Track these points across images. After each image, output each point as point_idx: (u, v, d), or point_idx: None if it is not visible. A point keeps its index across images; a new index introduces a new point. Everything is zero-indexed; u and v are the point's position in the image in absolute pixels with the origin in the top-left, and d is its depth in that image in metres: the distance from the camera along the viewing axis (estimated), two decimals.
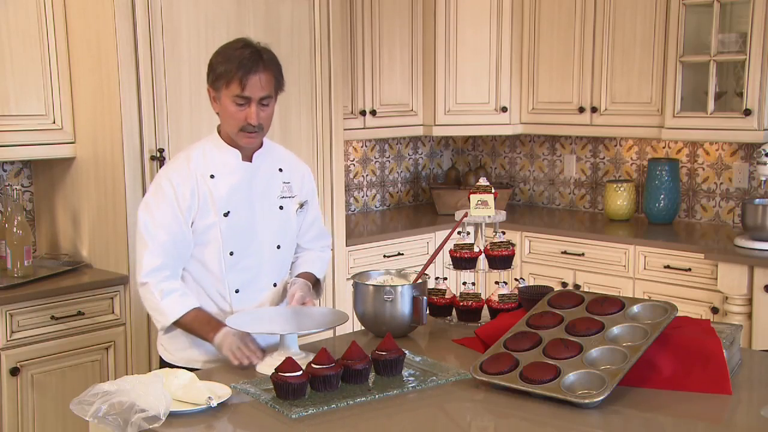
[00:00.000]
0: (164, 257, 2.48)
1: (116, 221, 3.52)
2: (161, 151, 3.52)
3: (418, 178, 5.61)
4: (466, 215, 2.84)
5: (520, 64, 4.98)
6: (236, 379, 2.26)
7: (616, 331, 2.24)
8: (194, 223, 2.51)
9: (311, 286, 2.68)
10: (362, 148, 5.25)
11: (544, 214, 5.17)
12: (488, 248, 2.81)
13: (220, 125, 2.58)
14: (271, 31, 3.85)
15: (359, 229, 4.73)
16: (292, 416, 2.01)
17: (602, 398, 2.01)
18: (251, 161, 2.58)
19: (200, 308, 2.50)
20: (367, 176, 5.30)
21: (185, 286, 2.54)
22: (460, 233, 2.84)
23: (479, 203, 2.83)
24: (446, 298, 2.82)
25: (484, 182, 2.87)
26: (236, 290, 2.59)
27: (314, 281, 2.75)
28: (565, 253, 4.59)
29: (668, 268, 4.19)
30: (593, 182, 5.16)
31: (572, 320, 2.31)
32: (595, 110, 4.68)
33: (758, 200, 4.12)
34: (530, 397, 2.09)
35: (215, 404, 2.04)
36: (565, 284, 4.58)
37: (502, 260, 2.80)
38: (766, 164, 4.03)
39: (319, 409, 2.04)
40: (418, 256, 4.65)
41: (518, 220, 4.92)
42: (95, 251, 3.65)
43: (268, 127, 2.55)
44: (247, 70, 2.42)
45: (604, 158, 5.10)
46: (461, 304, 2.78)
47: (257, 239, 2.59)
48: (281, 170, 2.67)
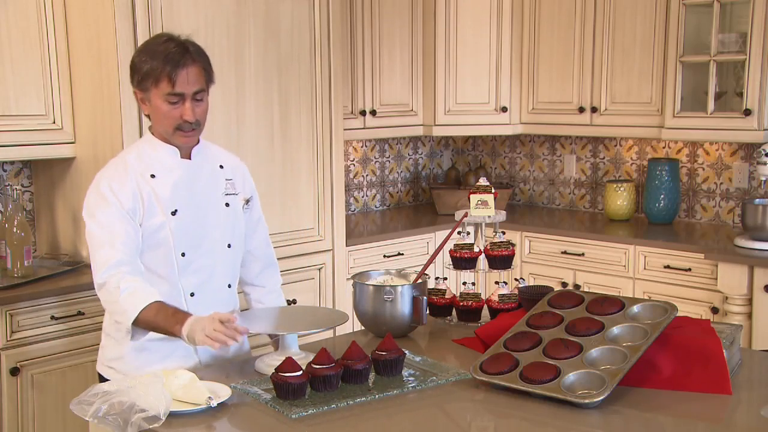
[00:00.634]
0: (120, 253, 2.35)
1: None
2: None
3: (418, 178, 5.61)
4: (466, 215, 2.84)
5: (520, 64, 4.98)
6: (236, 379, 2.26)
7: (616, 331, 2.24)
8: (142, 225, 2.41)
9: None
10: (362, 148, 5.25)
11: (544, 214, 5.17)
12: (488, 248, 2.81)
13: (151, 126, 2.49)
14: (271, 31, 3.85)
15: (359, 229, 4.73)
16: (292, 416, 2.01)
17: (602, 398, 2.01)
18: (190, 158, 2.49)
19: (162, 302, 2.34)
20: (367, 176, 5.30)
21: (146, 281, 2.39)
22: (460, 233, 2.84)
23: (479, 203, 2.83)
24: (446, 298, 2.82)
25: (484, 182, 2.87)
26: (191, 293, 2.51)
27: None
28: (565, 253, 4.59)
29: (668, 268, 4.19)
30: (593, 182, 5.16)
31: (572, 320, 2.31)
32: (595, 110, 4.68)
33: (758, 200, 4.12)
34: (530, 397, 2.09)
35: (215, 404, 2.04)
36: (565, 284, 4.58)
37: (502, 260, 2.80)
38: (766, 164, 4.03)
39: (319, 409, 2.04)
40: (418, 256, 4.65)
41: (518, 220, 4.92)
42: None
43: (204, 123, 2.45)
44: (174, 64, 2.32)
45: (604, 158, 5.10)
46: (461, 304, 2.78)
47: (208, 238, 2.51)
48: (222, 167, 2.58)
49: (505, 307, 2.71)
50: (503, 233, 2.84)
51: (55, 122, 3.62)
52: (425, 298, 2.60)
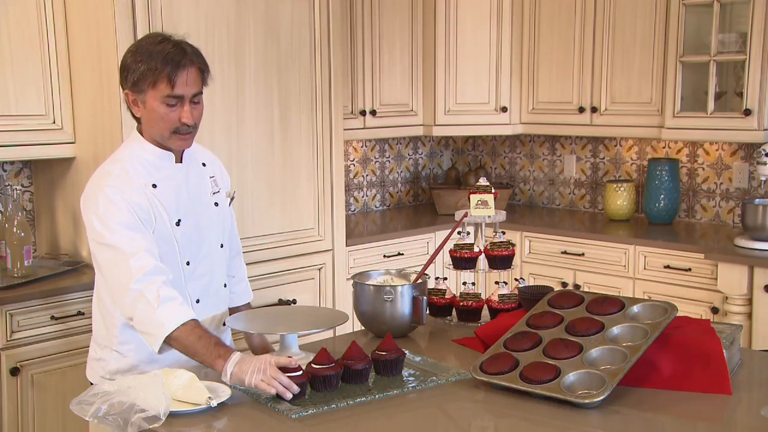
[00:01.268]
0: (153, 259, 2.25)
1: None
2: None
3: (418, 178, 5.61)
4: (466, 215, 2.84)
5: (520, 64, 4.98)
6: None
7: (616, 331, 2.24)
8: (153, 235, 2.32)
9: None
10: (362, 148, 5.25)
11: (544, 214, 5.17)
12: (488, 248, 2.81)
13: (140, 128, 2.40)
14: (271, 31, 3.85)
15: (359, 229, 4.73)
16: (292, 416, 2.01)
17: (602, 398, 2.01)
18: (181, 162, 2.43)
19: (200, 323, 2.25)
20: (367, 176, 5.30)
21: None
22: (460, 233, 2.84)
23: (479, 203, 2.83)
24: (446, 298, 2.82)
25: (484, 182, 2.87)
26: (197, 300, 2.47)
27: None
28: (565, 253, 4.59)
29: (668, 268, 4.19)
30: (593, 182, 5.16)
31: (572, 320, 2.31)
32: (595, 110, 4.68)
33: (758, 200, 4.12)
34: (530, 397, 2.09)
35: (215, 404, 2.04)
36: (565, 284, 4.58)
37: (502, 260, 2.80)
38: (766, 164, 4.03)
39: (319, 409, 2.04)
40: (418, 256, 4.65)
41: (518, 220, 4.92)
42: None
43: (199, 125, 2.39)
44: (174, 66, 2.24)
45: (604, 158, 5.10)
46: (461, 304, 2.78)
47: (206, 243, 2.48)
48: (204, 165, 2.53)
49: (505, 307, 2.71)
50: (503, 233, 2.84)
51: (55, 122, 3.62)
52: (425, 298, 2.60)
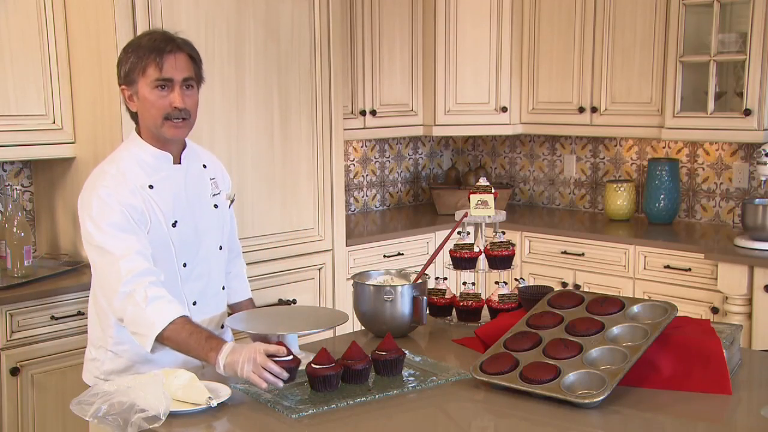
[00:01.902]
0: (146, 262, 2.27)
1: None
2: None
3: (418, 178, 5.61)
4: (466, 215, 2.84)
5: (520, 64, 4.98)
6: (236, 379, 2.26)
7: (616, 331, 2.24)
8: (147, 235, 2.33)
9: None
10: (362, 148, 5.25)
11: (544, 214, 5.17)
12: (488, 248, 2.81)
13: (138, 128, 2.42)
14: (271, 31, 3.85)
15: (359, 229, 4.73)
16: (292, 416, 2.01)
17: (602, 398, 2.01)
18: (180, 163, 2.44)
19: (190, 319, 2.25)
20: (367, 176, 5.30)
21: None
22: (460, 233, 2.84)
23: (479, 203, 2.83)
24: (446, 298, 2.82)
25: (484, 182, 2.87)
26: (194, 302, 2.48)
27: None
28: (565, 253, 4.59)
29: (668, 268, 4.19)
30: (593, 182, 5.16)
31: (572, 320, 2.31)
32: (595, 110, 4.68)
33: (758, 200, 4.12)
34: (530, 397, 2.09)
35: (215, 404, 2.04)
36: (565, 284, 4.58)
37: (502, 260, 2.80)
38: (766, 164, 4.03)
39: (319, 409, 2.04)
40: (418, 256, 4.65)
41: (518, 220, 4.92)
42: None
43: (194, 117, 2.38)
44: (160, 50, 2.28)
45: (604, 158, 5.10)
46: (461, 304, 2.78)
47: (204, 244, 2.48)
48: (205, 166, 2.53)
49: (505, 307, 2.71)
50: (503, 233, 2.84)
51: (55, 122, 3.62)
52: (425, 298, 2.60)
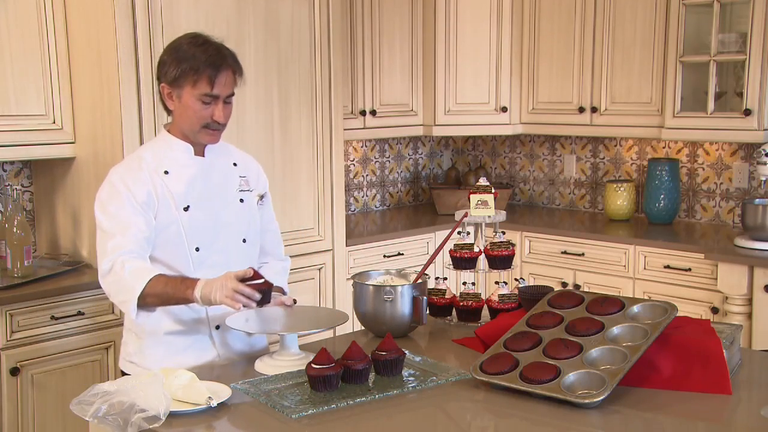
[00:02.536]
0: (131, 244, 2.39)
1: None
2: None
3: (418, 178, 5.61)
4: (466, 215, 2.84)
5: (520, 63, 4.98)
6: (236, 379, 2.26)
7: (616, 331, 2.24)
8: (156, 218, 2.45)
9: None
10: (362, 148, 5.25)
11: (544, 214, 5.17)
12: (488, 248, 2.81)
13: (168, 124, 2.54)
14: (271, 31, 3.85)
15: (359, 229, 4.73)
16: (292, 416, 2.01)
17: (602, 398, 2.01)
18: (203, 156, 2.54)
19: (166, 274, 2.39)
20: (367, 176, 5.30)
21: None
22: (460, 233, 2.84)
23: (479, 203, 2.83)
24: (446, 298, 2.82)
25: (484, 182, 2.87)
26: None
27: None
28: (565, 253, 4.59)
29: (668, 268, 4.19)
30: (593, 182, 5.16)
31: (572, 320, 2.31)
32: (595, 110, 4.68)
33: (758, 200, 4.12)
34: (530, 397, 2.09)
35: (215, 404, 2.04)
36: (565, 284, 4.58)
37: (502, 260, 2.80)
38: (766, 164, 4.03)
39: (319, 409, 2.04)
40: (418, 256, 4.65)
41: (518, 220, 4.92)
42: (95, 251, 3.63)
43: (227, 124, 2.53)
44: (216, 68, 2.41)
45: (604, 158, 5.10)
46: (461, 304, 2.78)
47: (222, 234, 2.54)
48: (236, 165, 2.63)
49: (505, 307, 2.71)
50: (503, 233, 2.84)
51: (55, 122, 3.62)
52: (425, 298, 2.60)
